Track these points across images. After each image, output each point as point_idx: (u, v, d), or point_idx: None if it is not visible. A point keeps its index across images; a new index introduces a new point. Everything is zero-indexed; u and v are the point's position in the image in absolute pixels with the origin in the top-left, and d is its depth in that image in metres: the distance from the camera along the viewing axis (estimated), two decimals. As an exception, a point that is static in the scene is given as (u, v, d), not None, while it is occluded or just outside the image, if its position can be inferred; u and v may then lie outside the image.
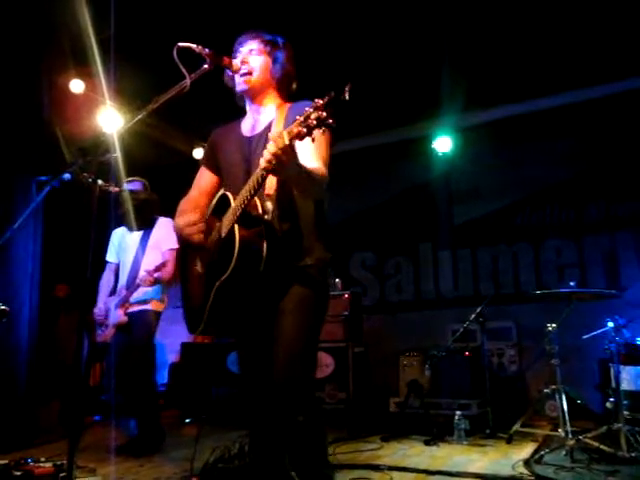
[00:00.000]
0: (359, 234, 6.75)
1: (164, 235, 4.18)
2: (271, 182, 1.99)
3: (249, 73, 2.18)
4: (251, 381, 2.17)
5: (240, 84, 2.21)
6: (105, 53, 4.49)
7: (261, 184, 1.85)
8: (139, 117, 2.09)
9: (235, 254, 1.85)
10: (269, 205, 1.97)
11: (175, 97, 2.15)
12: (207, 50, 2.15)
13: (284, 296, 2.04)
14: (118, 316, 4.05)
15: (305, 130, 1.65)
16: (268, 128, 2.17)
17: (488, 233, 6.17)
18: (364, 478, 3.18)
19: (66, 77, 5.12)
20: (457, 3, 4.41)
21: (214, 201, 2.15)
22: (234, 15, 4.11)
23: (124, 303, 4.06)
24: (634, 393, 3.59)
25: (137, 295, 4.04)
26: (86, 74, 4.93)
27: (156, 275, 3.92)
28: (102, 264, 4.33)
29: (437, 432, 4.31)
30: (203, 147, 6.80)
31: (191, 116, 5.64)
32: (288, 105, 2.22)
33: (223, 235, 1.97)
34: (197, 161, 6.77)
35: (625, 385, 3.58)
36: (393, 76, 5.24)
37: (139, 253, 4.13)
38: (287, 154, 1.70)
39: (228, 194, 2.03)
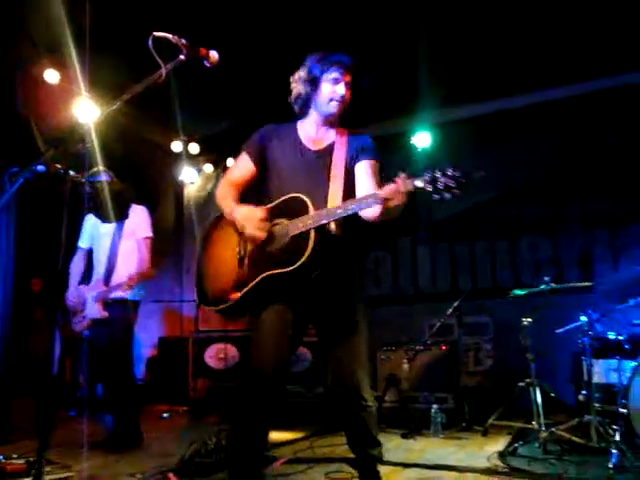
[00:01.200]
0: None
1: (139, 223, 4.13)
2: (336, 199, 2.25)
3: (342, 101, 2.37)
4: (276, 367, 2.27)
5: (334, 108, 2.38)
6: (81, 42, 4.42)
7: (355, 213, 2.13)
8: (113, 107, 2.05)
9: (306, 254, 2.11)
10: (332, 225, 2.23)
11: (150, 87, 2.12)
12: (184, 40, 2.13)
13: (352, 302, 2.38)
14: (97, 311, 3.97)
15: (431, 188, 1.98)
16: (331, 147, 2.40)
17: (466, 229, 6.22)
18: (341, 471, 3.19)
19: (40, 67, 5.03)
20: (436, -2, 4.43)
21: (281, 199, 2.30)
22: (212, 5, 4.06)
23: (103, 298, 3.99)
24: (605, 386, 3.66)
25: (116, 293, 3.98)
26: (61, 64, 4.85)
27: (139, 279, 3.90)
28: (71, 254, 4.24)
29: (414, 425, 4.35)
30: (182, 141, 6.77)
31: (170, 110, 5.58)
32: (346, 132, 2.45)
33: (291, 234, 2.19)
34: (175, 154, 6.72)
35: (597, 378, 3.64)
36: (372, 71, 5.23)
37: (115, 243, 4.06)
38: (405, 201, 2.03)
39: (306, 200, 2.20)
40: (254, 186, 2.51)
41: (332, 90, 2.35)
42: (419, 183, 2.00)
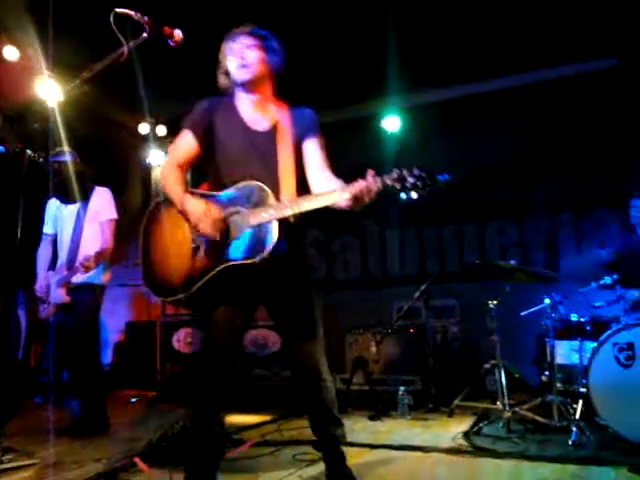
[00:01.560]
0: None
1: (102, 205, 4.05)
2: (291, 190, 2.26)
3: (247, 66, 2.31)
4: (229, 350, 2.32)
5: (240, 75, 2.32)
6: (41, 20, 4.27)
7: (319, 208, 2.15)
8: (73, 85, 2.00)
9: (270, 247, 2.11)
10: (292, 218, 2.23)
11: (113, 65, 2.07)
12: (146, 18, 2.08)
13: (302, 278, 2.42)
14: (60, 296, 3.90)
15: (399, 187, 2.06)
16: (275, 128, 2.37)
17: (434, 212, 6.26)
18: (308, 453, 3.20)
19: (-1, 44, 4.86)
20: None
21: (237, 186, 2.26)
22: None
23: (65, 282, 3.92)
24: (567, 367, 3.75)
25: (79, 277, 3.91)
26: (21, 42, 4.69)
27: (101, 259, 3.82)
28: (34, 238, 4.14)
29: (381, 408, 4.39)
30: (149, 123, 6.64)
31: (136, 91, 5.46)
32: (287, 108, 2.44)
33: (252, 224, 2.18)
34: (142, 136, 6.59)
35: (559, 359, 3.73)
36: (340, 54, 5.21)
37: (78, 226, 3.98)
38: (373, 199, 2.10)
39: (266, 189, 2.20)
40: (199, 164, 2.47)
41: (235, 58, 2.32)
42: (388, 181, 2.06)
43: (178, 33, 2.16)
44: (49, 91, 4.92)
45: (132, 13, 2.05)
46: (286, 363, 5.15)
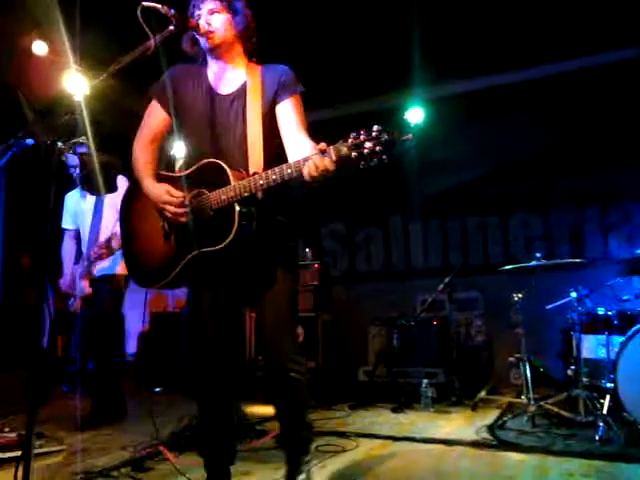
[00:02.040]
0: (330, 204, 6.73)
1: (119, 193, 4.05)
2: (258, 161, 2.07)
3: (212, 32, 2.16)
4: (217, 341, 2.23)
5: (205, 43, 2.18)
6: (69, 14, 4.32)
7: (280, 183, 1.93)
8: (101, 78, 2.01)
9: (233, 231, 1.97)
10: (259, 193, 2.02)
11: (139, 58, 2.08)
12: (172, 11, 2.09)
13: (272, 265, 2.17)
14: (83, 288, 3.96)
15: (357, 155, 1.75)
16: (243, 89, 2.18)
17: (458, 205, 6.21)
18: (331, 445, 3.22)
19: (29, 38, 4.93)
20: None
21: (198, 165, 2.13)
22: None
23: (87, 274, 3.96)
24: (593, 361, 3.69)
25: (101, 266, 3.96)
26: (50, 36, 4.75)
27: (112, 244, 3.84)
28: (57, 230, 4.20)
29: (404, 400, 4.39)
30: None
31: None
32: (259, 68, 2.24)
33: (214, 207, 2.04)
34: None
35: (585, 353, 3.67)
36: (365, 45, 5.18)
37: (96, 218, 4.00)
38: (333, 171, 1.82)
39: (225, 168, 2.02)
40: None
41: (201, 24, 2.15)
42: (344, 151, 1.79)
43: (203, 25, 2.17)
44: (76, 84, 4.99)
45: (159, 6, 2.06)
46: (310, 355, 5.18)
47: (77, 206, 4.15)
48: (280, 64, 2.25)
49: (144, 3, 2.06)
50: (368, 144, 1.74)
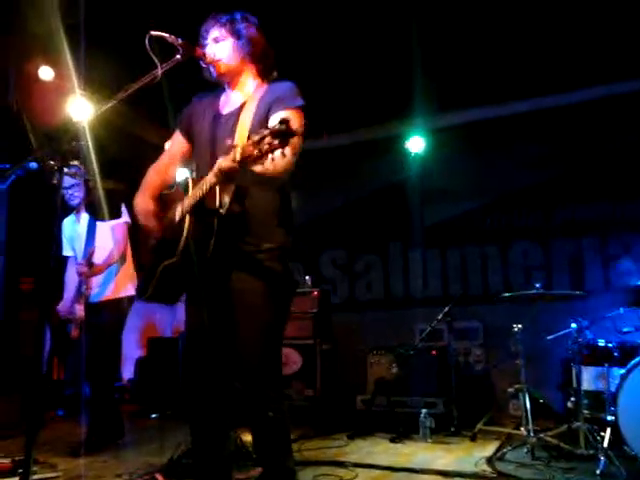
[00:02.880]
0: (330, 232, 6.76)
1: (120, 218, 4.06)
2: None
3: (217, 61, 2.19)
4: (198, 362, 2.19)
5: (213, 72, 2.23)
6: (75, 40, 4.40)
7: (211, 189, 1.91)
8: (108, 106, 2.05)
9: (181, 244, 1.97)
10: (226, 199, 1.98)
11: (146, 86, 2.12)
12: (180, 40, 2.13)
13: (240, 280, 2.07)
14: (77, 311, 3.92)
15: (257, 152, 1.68)
16: (240, 109, 2.18)
17: (458, 234, 6.24)
18: (330, 475, 3.19)
19: (34, 64, 5.00)
20: (431, 2, 4.44)
21: (181, 183, 2.18)
22: (207, 2, 4.05)
23: (79, 297, 3.92)
24: (594, 393, 3.66)
25: (94, 290, 3.95)
26: (56, 61, 4.83)
27: (101, 262, 3.84)
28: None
29: (403, 430, 4.35)
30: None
31: (164, 108, 5.56)
32: (265, 86, 2.23)
33: (176, 220, 2.06)
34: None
35: (585, 385, 3.65)
36: (366, 74, 5.26)
37: (89, 239, 3.96)
38: (236, 170, 1.78)
39: (189, 180, 2.08)
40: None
41: (207, 54, 2.19)
42: (246, 150, 1.71)
43: (209, 54, 2.21)
44: (81, 110, 5.06)
45: (166, 35, 2.11)
46: (309, 382, 5.14)
47: (72, 230, 4.14)
48: (285, 80, 2.23)
49: (152, 32, 2.10)
50: (267, 139, 1.67)
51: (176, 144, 2.38)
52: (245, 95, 2.23)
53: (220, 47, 2.20)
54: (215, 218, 1.96)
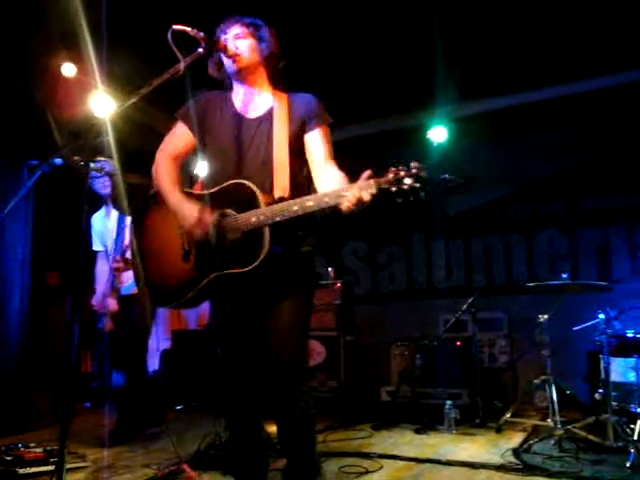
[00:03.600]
0: (352, 223, 6.74)
1: None
2: (284, 186, 2.07)
3: (239, 55, 2.20)
4: (239, 361, 2.23)
5: (232, 65, 2.22)
6: (97, 36, 4.43)
7: (315, 212, 1.95)
8: (132, 101, 2.06)
9: (263, 254, 1.96)
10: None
11: (169, 81, 2.12)
12: (202, 34, 2.13)
13: (280, 282, 2.13)
14: (110, 304, 4.00)
15: (396, 190, 1.78)
16: (270, 114, 2.21)
17: (481, 224, 6.18)
18: (355, 466, 3.19)
19: (57, 60, 5.05)
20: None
21: (227, 184, 2.12)
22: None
23: (113, 291, 4.00)
24: (622, 384, 3.62)
25: (125, 283, 4.01)
26: (78, 57, 4.87)
27: (127, 256, 3.89)
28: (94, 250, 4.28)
29: (427, 421, 4.33)
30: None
31: (184, 102, 5.58)
32: (285, 96, 2.27)
33: (244, 229, 2.02)
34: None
35: (614, 376, 3.60)
36: (388, 63, 5.21)
37: (120, 234, 4.03)
38: (368, 202, 1.84)
39: (255, 191, 2.02)
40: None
41: (228, 47, 2.19)
42: (384, 185, 1.82)
43: (231, 48, 2.21)
44: (102, 105, 5.10)
45: (189, 29, 2.11)
46: (333, 374, 5.15)
47: (102, 226, 4.22)
48: (307, 93, 2.28)
49: (175, 27, 2.11)
50: (408, 180, 1.77)
51: (181, 138, 2.33)
52: (267, 101, 2.26)
53: (241, 43, 2.22)
54: (283, 231, 2.02)
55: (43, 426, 4.36)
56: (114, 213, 4.14)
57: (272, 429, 2.39)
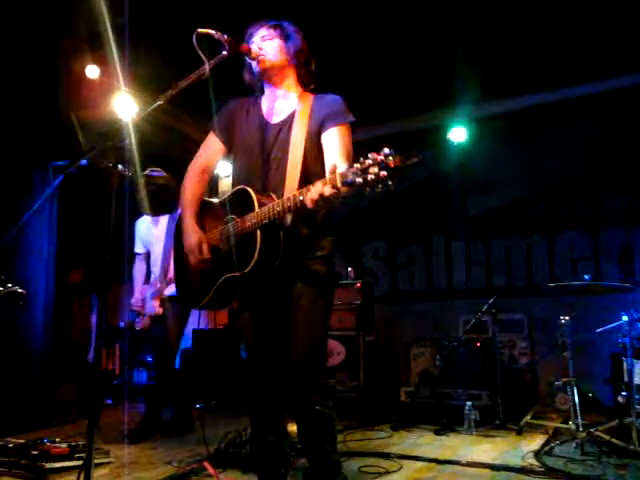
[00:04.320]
0: (372, 223, 6.74)
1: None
2: (292, 187, 2.07)
3: (263, 55, 2.22)
4: (259, 360, 2.27)
5: (256, 67, 2.24)
6: (120, 38, 4.49)
7: (297, 207, 1.92)
8: (158, 103, 2.08)
9: (254, 257, 1.99)
10: (289, 218, 2.06)
11: (194, 83, 2.15)
12: (226, 36, 2.15)
13: (297, 286, 2.15)
14: (153, 307, 4.14)
15: (361, 181, 1.64)
16: (291, 117, 2.22)
17: (502, 225, 6.14)
18: (374, 466, 3.20)
19: (82, 63, 5.13)
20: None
21: (232, 191, 2.20)
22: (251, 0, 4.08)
23: (158, 295, 4.13)
24: (647, 387, 3.57)
25: (171, 289, 4.08)
26: (102, 59, 4.93)
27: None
28: (120, 248, 4.35)
29: (447, 422, 4.32)
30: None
31: (206, 104, 5.63)
32: (311, 97, 2.28)
33: (240, 234, 2.09)
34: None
35: (637, 379, 3.55)
36: (409, 64, 5.21)
37: (168, 240, 4.12)
38: (335, 197, 1.77)
39: (252, 193, 2.06)
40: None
41: (252, 49, 2.22)
42: (349, 176, 1.69)
43: (255, 49, 2.24)
44: (125, 107, 5.17)
45: (213, 32, 2.13)
46: (353, 373, 5.16)
47: (148, 231, 4.32)
48: (332, 93, 2.27)
49: (199, 30, 2.13)
50: (373, 169, 1.64)
51: (212, 147, 2.39)
52: (292, 104, 2.27)
53: (267, 44, 2.24)
54: (281, 232, 2.03)
55: (67, 422, 4.43)
56: (163, 220, 4.23)
57: (293, 428, 2.41)
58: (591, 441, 3.48)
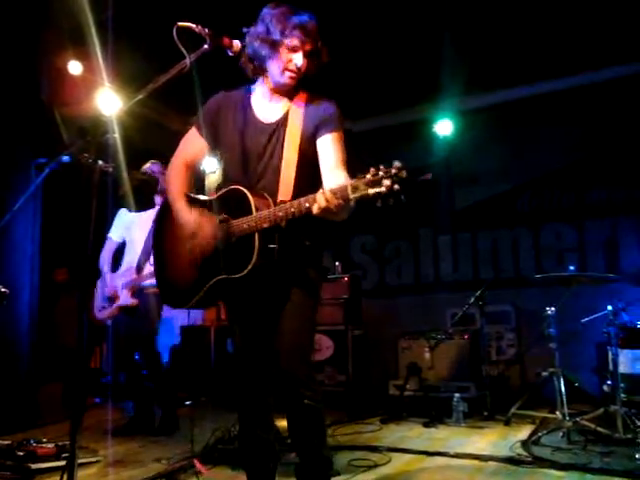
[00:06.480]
0: (360, 217, 6.73)
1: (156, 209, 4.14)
2: (288, 191, 2.04)
3: (297, 73, 2.10)
4: (247, 355, 2.24)
5: (288, 79, 2.11)
6: (103, 34, 4.44)
7: (300, 216, 1.89)
8: (138, 98, 2.06)
9: (252, 261, 1.95)
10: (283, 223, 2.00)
11: (175, 78, 2.12)
12: (207, 30, 2.12)
13: (288, 282, 2.12)
14: (126, 298, 4.03)
15: (374, 193, 1.66)
16: (284, 120, 2.15)
17: (488, 218, 6.17)
18: (364, 459, 3.20)
19: (64, 58, 5.07)
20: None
21: (225, 190, 2.12)
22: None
23: (133, 285, 4.04)
24: (631, 376, 3.62)
25: (152, 280, 4.03)
26: (84, 55, 4.88)
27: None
28: (102, 244, 4.29)
29: (436, 414, 4.35)
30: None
31: (190, 98, 5.59)
32: (305, 95, 2.20)
33: (237, 236, 2.03)
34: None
35: (622, 368, 3.59)
36: (394, 58, 5.20)
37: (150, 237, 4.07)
38: (343, 207, 1.76)
39: (248, 195, 2.01)
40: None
41: (289, 59, 2.07)
42: (361, 188, 1.71)
43: (237, 43, 2.20)
44: (108, 102, 5.12)
45: (194, 26, 2.10)
46: (342, 367, 5.17)
47: (130, 223, 4.23)
48: (325, 98, 2.20)
49: (179, 23, 2.10)
50: (386, 182, 1.64)
51: (193, 144, 2.31)
52: (285, 103, 2.19)
53: (305, 62, 2.10)
54: (277, 236, 1.99)
55: (54, 422, 4.39)
56: (149, 212, 4.14)
57: (282, 424, 2.40)
58: (577, 430, 3.52)
